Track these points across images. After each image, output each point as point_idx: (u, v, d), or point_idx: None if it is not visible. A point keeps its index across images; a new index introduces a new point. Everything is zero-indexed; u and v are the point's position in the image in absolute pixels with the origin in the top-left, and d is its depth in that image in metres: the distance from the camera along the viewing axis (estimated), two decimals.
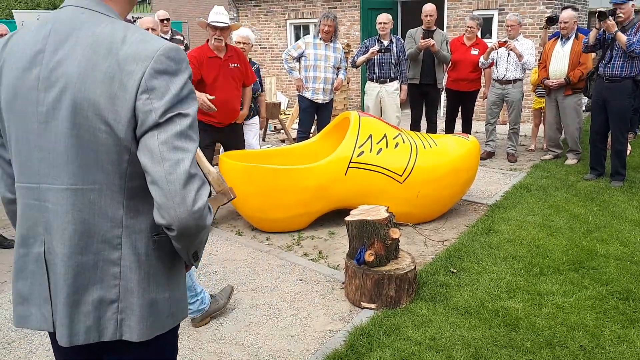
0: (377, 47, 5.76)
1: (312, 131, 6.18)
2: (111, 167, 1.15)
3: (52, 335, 1.33)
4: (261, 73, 6.11)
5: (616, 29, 4.81)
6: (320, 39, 5.54)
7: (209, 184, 1.52)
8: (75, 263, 1.18)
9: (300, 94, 5.69)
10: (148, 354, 1.31)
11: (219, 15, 4.13)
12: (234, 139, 4.50)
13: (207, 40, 4.27)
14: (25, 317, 1.26)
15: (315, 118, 5.91)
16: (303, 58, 5.57)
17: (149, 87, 1.10)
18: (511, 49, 5.95)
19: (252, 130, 5.12)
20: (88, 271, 1.19)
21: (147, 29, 3.86)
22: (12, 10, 9.06)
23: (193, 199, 1.12)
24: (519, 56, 5.95)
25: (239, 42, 4.84)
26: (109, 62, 1.10)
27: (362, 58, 5.87)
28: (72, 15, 1.17)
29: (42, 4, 23.07)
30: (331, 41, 5.59)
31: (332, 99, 5.84)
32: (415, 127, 6.49)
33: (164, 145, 1.10)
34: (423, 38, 5.96)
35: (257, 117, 5.21)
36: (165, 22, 6.17)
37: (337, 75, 5.71)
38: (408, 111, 6.71)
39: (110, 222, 1.18)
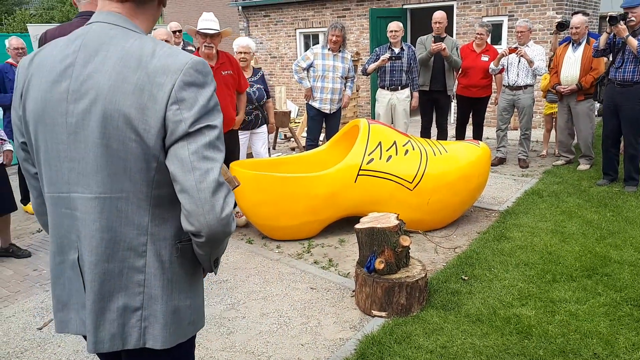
0: (387, 55, 5.78)
1: (320, 139, 6.20)
2: (139, 176, 1.18)
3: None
4: (271, 82, 6.14)
5: (627, 33, 4.78)
6: (328, 49, 5.57)
7: None
8: (101, 270, 1.21)
9: (309, 102, 5.73)
10: None
11: (208, 22, 4.01)
12: (231, 146, 4.50)
13: (197, 49, 4.24)
14: (65, 322, 1.30)
15: (324, 126, 5.93)
16: (312, 69, 5.60)
17: (178, 99, 1.14)
18: (522, 55, 5.93)
19: (260, 139, 5.14)
20: (113, 279, 1.21)
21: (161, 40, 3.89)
22: (27, 24, 9.22)
23: (221, 207, 1.16)
24: (530, 62, 5.93)
25: (240, 52, 4.85)
26: (139, 75, 1.14)
27: (372, 66, 5.90)
28: (101, 31, 1.21)
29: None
30: (339, 51, 5.62)
31: (340, 107, 5.86)
32: (425, 134, 6.48)
33: (194, 155, 1.14)
34: (434, 46, 5.97)
35: (264, 125, 5.20)
36: (177, 33, 6.25)
37: (344, 86, 5.75)
38: (418, 118, 6.71)
39: (136, 229, 1.21)
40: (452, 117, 9.41)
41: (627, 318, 2.86)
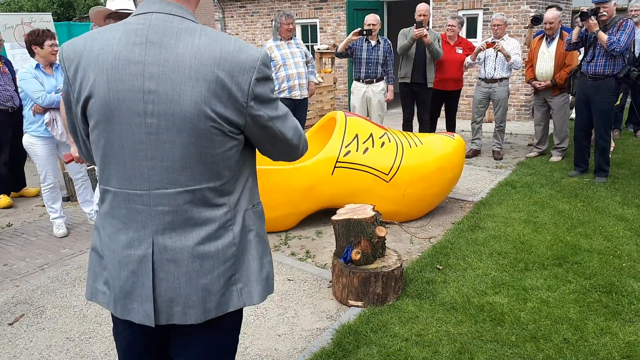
0: (357, 30, 5.72)
1: None
2: (223, 164, 1.27)
3: (118, 320, 1.45)
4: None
5: (597, 28, 4.88)
6: (280, 39, 5.62)
7: None
8: (198, 253, 1.28)
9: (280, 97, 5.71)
10: (222, 331, 1.42)
11: (123, 1, 3.35)
12: None
13: None
14: (127, 310, 1.33)
15: None
16: (272, 62, 5.60)
17: (255, 95, 1.24)
18: (499, 50, 6.00)
19: None
20: (211, 257, 1.29)
21: None
22: None
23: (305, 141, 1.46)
24: (507, 57, 6.00)
25: None
26: (216, 73, 1.18)
27: (342, 44, 5.87)
28: (163, 24, 1.21)
29: (26, 6, 22.83)
30: (290, 38, 5.68)
31: (307, 98, 5.87)
32: (407, 127, 6.46)
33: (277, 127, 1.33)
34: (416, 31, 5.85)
35: None
36: None
37: (310, 66, 5.79)
38: (396, 110, 6.73)
39: (221, 208, 1.30)
40: None
41: (596, 304, 2.95)
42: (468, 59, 6.26)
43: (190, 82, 1.17)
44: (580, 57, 5.47)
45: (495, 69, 6.22)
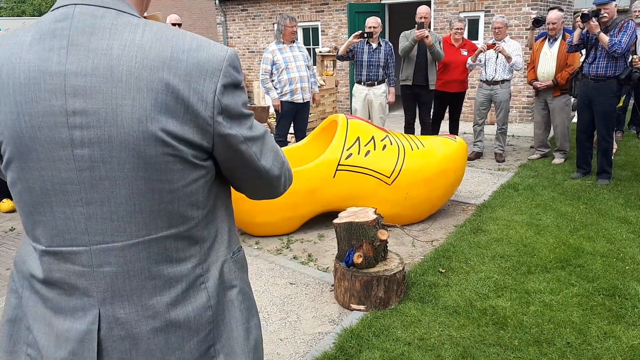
0: (358, 32, 5.73)
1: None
2: (186, 201, 0.96)
3: None
4: (249, 77, 6.16)
5: (599, 30, 4.87)
6: (282, 43, 5.62)
7: None
8: (162, 323, 0.97)
9: (282, 100, 5.70)
10: None
11: None
12: None
13: None
14: None
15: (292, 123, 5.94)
16: (274, 66, 5.62)
17: (223, 107, 0.93)
18: (500, 51, 6.00)
19: None
20: (179, 328, 0.99)
21: None
22: None
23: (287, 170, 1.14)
24: (508, 58, 6.00)
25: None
26: (166, 79, 0.88)
27: (343, 47, 5.89)
28: (91, 20, 0.89)
29: (28, 11, 22.93)
30: (293, 42, 5.69)
31: (309, 101, 5.87)
32: (409, 129, 6.46)
33: (258, 153, 1.04)
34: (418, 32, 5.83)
35: None
36: (177, 27, 6.17)
37: (310, 71, 5.82)
38: (398, 113, 6.73)
39: (189, 262, 0.99)
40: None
41: (599, 308, 2.93)
42: (469, 60, 6.25)
43: (130, 94, 0.87)
44: (582, 59, 5.45)
45: (496, 71, 6.21)
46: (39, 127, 0.88)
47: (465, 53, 6.33)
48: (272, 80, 5.70)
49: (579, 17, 5.01)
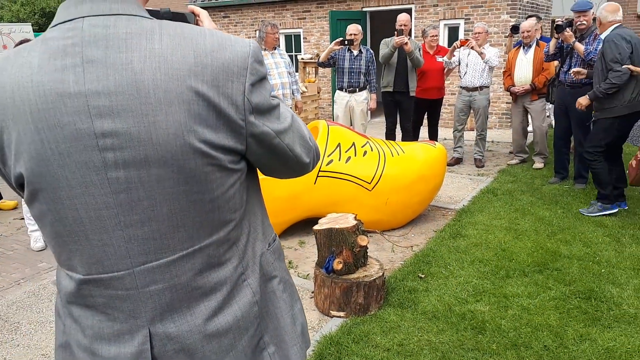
0: (339, 39, 5.76)
1: None
2: (226, 207, 0.94)
3: None
4: None
5: (574, 39, 4.96)
6: (264, 49, 5.62)
7: None
8: (214, 329, 0.97)
9: None
10: None
11: None
12: None
13: None
14: None
15: None
16: None
17: (253, 106, 0.90)
18: (471, 47, 6.05)
19: None
20: (231, 331, 0.99)
21: None
22: None
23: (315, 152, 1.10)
24: (481, 54, 6.04)
25: None
26: (195, 87, 0.84)
27: (324, 54, 5.90)
28: (104, 31, 0.83)
29: (5, 17, 22.59)
30: (274, 48, 5.69)
31: (291, 108, 5.88)
32: (390, 135, 6.48)
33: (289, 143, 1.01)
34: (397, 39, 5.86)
35: None
36: None
37: (292, 78, 5.82)
38: (380, 119, 6.77)
39: (230, 263, 0.98)
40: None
41: (576, 310, 2.97)
42: (445, 58, 6.32)
43: (162, 109, 0.82)
44: (558, 66, 5.55)
45: (474, 77, 6.29)
46: (67, 153, 0.83)
47: (440, 59, 6.40)
48: None
49: (555, 28, 5.11)
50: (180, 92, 0.83)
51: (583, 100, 4.63)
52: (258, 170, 1.06)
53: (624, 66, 4.17)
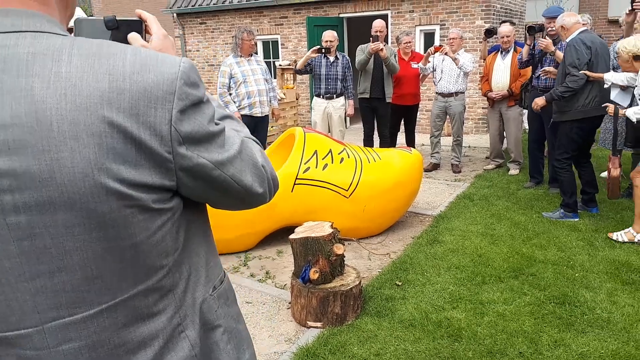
0: (316, 47, 5.76)
1: None
2: (153, 252, 0.81)
3: None
4: (209, 90, 6.09)
5: (553, 48, 5.01)
6: (240, 56, 5.59)
7: None
8: None
9: (240, 115, 5.68)
10: None
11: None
12: None
13: None
14: None
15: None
16: (232, 80, 5.59)
17: (183, 136, 0.78)
18: (445, 53, 6.11)
19: None
20: None
21: None
22: None
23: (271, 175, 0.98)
24: (455, 60, 6.10)
25: None
26: (108, 118, 0.72)
27: (301, 61, 5.91)
28: (1, 51, 0.72)
29: None
30: (251, 55, 5.66)
31: (268, 115, 5.86)
32: (368, 142, 6.49)
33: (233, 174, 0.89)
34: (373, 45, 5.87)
35: None
36: None
37: (270, 85, 5.79)
38: (358, 125, 6.78)
39: (164, 314, 0.86)
40: None
41: (550, 316, 3.00)
42: (420, 65, 6.37)
43: (67, 144, 0.70)
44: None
45: (449, 83, 6.35)
46: None
47: (415, 66, 6.45)
48: (230, 94, 5.66)
49: (527, 31, 5.18)
50: (89, 124, 0.71)
51: (539, 101, 4.72)
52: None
53: (581, 71, 4.25)
